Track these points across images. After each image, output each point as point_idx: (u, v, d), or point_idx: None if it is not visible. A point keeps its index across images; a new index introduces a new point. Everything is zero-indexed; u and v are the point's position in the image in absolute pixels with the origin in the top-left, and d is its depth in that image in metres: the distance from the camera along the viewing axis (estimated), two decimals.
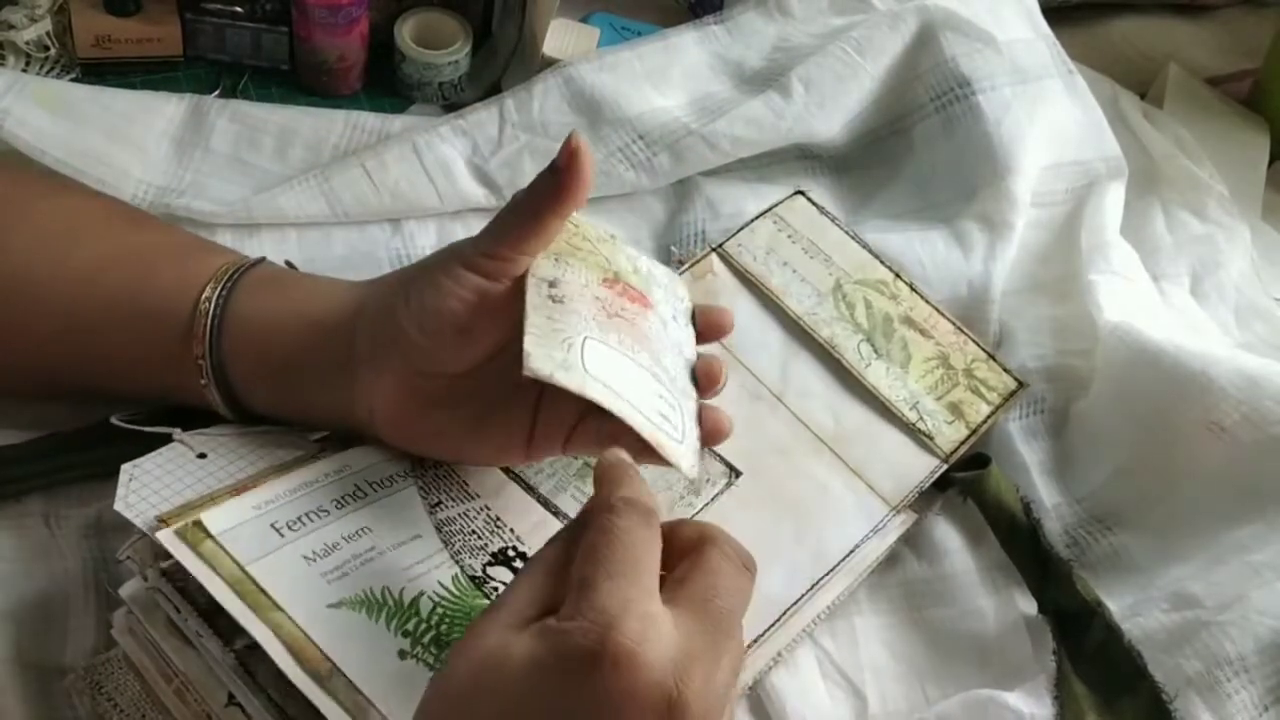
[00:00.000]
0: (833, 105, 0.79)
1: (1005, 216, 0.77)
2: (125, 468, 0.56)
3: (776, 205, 0.75)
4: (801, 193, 0.76)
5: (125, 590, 0.53)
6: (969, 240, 0.76)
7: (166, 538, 0.51)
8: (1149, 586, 0.64)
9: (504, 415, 0.56)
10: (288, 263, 0.67)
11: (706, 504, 0.63)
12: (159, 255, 0.62)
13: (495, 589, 0.56)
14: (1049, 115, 0.80)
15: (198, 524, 0.51)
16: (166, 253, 0.62)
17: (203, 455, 0.58)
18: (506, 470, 0.61)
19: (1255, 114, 0.94)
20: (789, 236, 0.73)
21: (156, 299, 0.60)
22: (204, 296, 0.59)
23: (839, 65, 0.80)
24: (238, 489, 0.55)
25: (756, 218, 0.74)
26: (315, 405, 0.59)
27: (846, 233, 0.74)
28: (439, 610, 0.53)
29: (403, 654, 0.51)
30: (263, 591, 0.50)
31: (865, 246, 0.74)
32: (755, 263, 0.72)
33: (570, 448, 0.57)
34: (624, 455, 0.48)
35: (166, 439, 0.58)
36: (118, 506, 0.54)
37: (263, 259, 0.62)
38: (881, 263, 0.73)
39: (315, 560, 0.52)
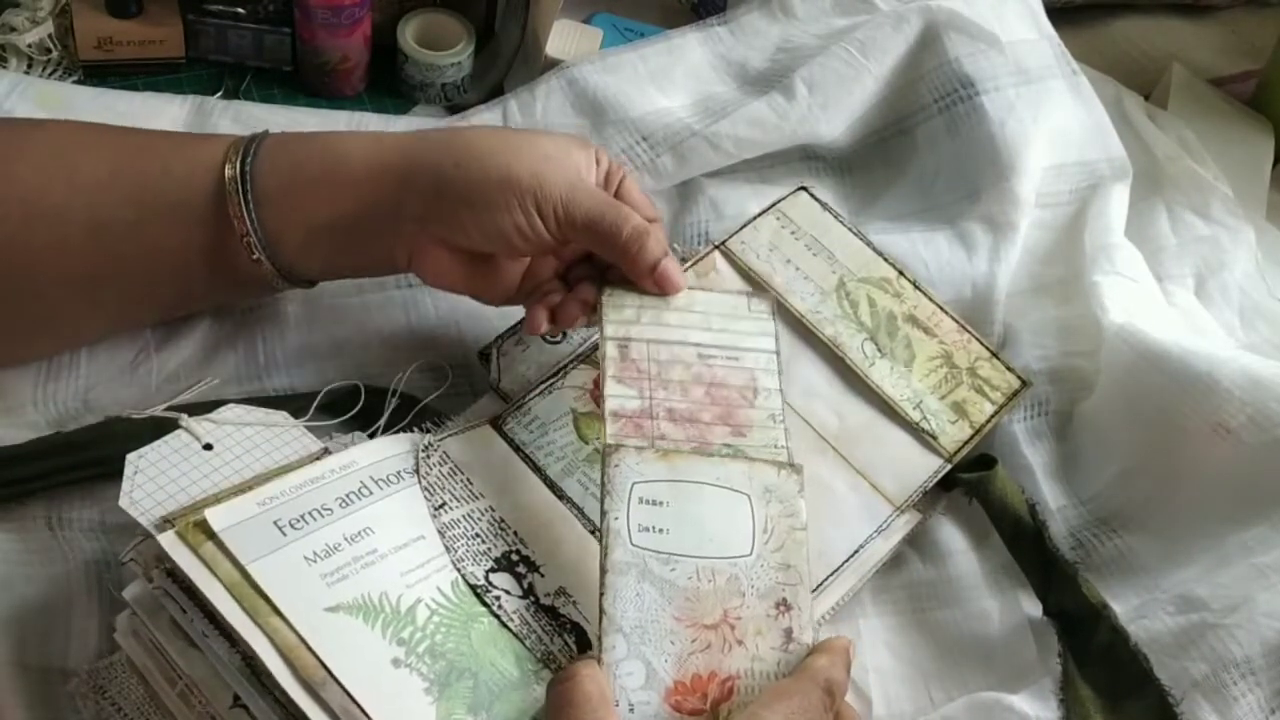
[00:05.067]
0: (836, 106, 0.79)
1: (1009, 217, 0.77)
2: (130, 458, 0.56)
3: (780, 201, 0.75)
4: (804, 189, 0.76)
5: (129, 592, 0.53)
6: (973, 241, 0.76)
7: (168, 540, 0.51)
8: (1154, 589, 0.64)
9: (510, 267, 0.65)
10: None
11: None
12: (165, 148, 0.64)
13: (497, 598, 0.55)
14: (1053, 116, 0.80)
15: (199, 524, 0.51)
16: (171, 145, 0.64)
17: (208, 446, 0.58)
18: (516, 449, 0.62)
19: (1259, 114, 0.94)
20: (792, 233, 0.73)
21: (176, 186, 0.62)
22: (227, 176, 0.61)
23: (842, 66, 0.80)
24: (241, 490, 0.55)
25: (760, 214, 0.74)
26: (363, 258, 0.65)
27: (849, 229, 0.74)
28: (435, 619, 0.53)
29: (396, 662, 0.51)
30: (262, 594, 0.50)
31: (868, 243, 0.74)
32: (759, 260, 0.72)
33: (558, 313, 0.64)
34: (853, 648, 0.55)
35: (172, 427, 0.58)
36: (122, 503, 0.54)
37: (266, 131, 0.64)
38: (885, 260, 0.73)
39: (316, 561, 0.52)
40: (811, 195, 0.76)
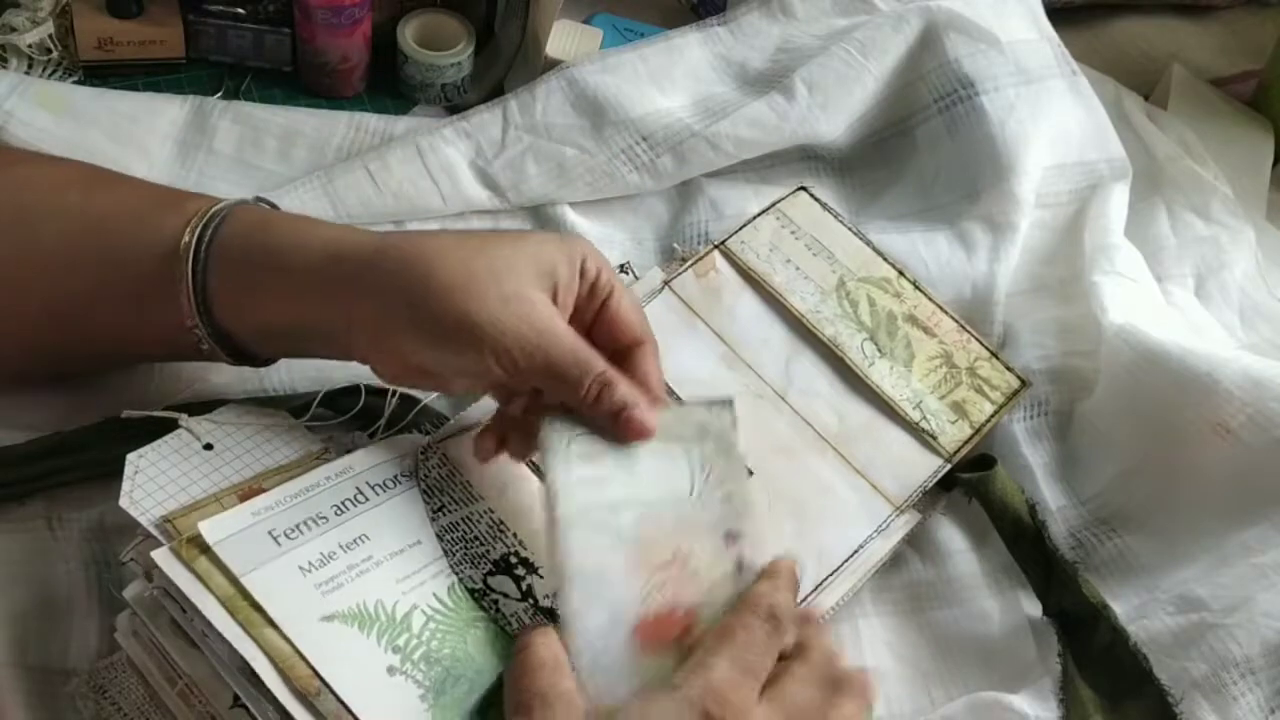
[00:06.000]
0: (836, 106, 0.79)
1: (1009, 218, 0.77)
2: (130, 458, 0.56)
3: (779, 201, 0.75)
4: (804, 189, 0.76)
5: (129, 592, 0.53)
6: (973, 241, 0.76)
7: (161, 556, 0.51)
8: (1154, 589, 0.64)
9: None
10: (261, 199, 0.64)
11: None
12: (125, 223, 0.60)
13: (495, 601, 0.55)
14: (1053, 116, 0.80)
15: (193, 539, 0.51)
16: (132, 218, 0.61)
17: (209, 446, 0.58)
18: None
19: (1259, 115, 0.94)
20: (792, 233, 0.73)
21: (133, 272, 0.59)
22: (177, 275, 0.58)
23: (842, 66, 0.80)
24: (241, 493, 0.55)
25: (760, 214, 0.74)
26: (318, 354, 0.61)
27: (849, 229, 0.74)
28: (430, 625, 0.53)
29: (391, 670, 0.51)
30: (256, 606, 0.50)
31: (868, 243, 0.74)
32: (759, 260, 0.72)
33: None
34: (796, 567, 0.55)
35: (172, 427, 0.58)
36: (122, 503, 0.54)
37: (233, 207, 0.60)
38: (884, 260, 0.73)
39: (311, 571, 0.52)
40: (811, 195, 0.76)
